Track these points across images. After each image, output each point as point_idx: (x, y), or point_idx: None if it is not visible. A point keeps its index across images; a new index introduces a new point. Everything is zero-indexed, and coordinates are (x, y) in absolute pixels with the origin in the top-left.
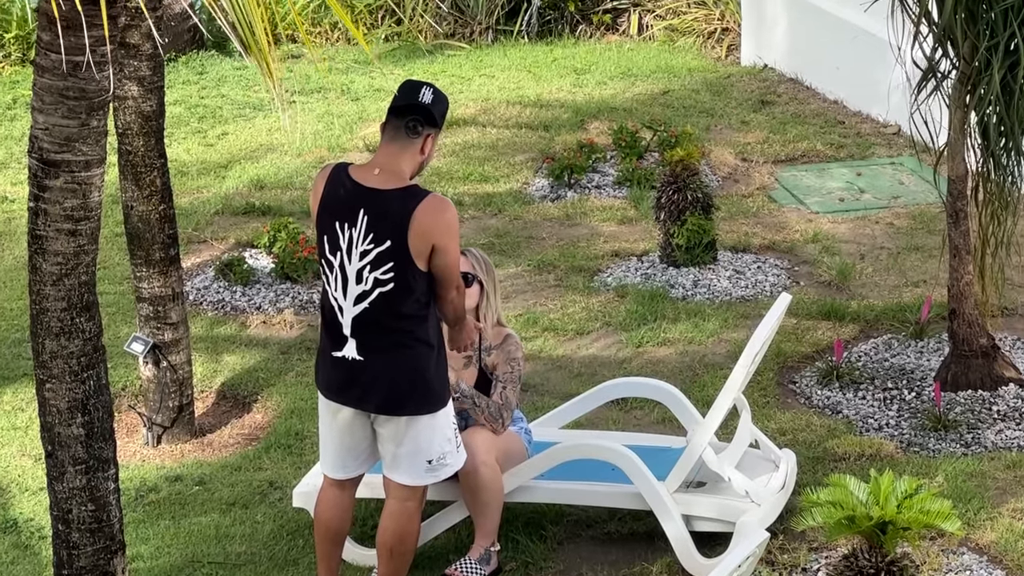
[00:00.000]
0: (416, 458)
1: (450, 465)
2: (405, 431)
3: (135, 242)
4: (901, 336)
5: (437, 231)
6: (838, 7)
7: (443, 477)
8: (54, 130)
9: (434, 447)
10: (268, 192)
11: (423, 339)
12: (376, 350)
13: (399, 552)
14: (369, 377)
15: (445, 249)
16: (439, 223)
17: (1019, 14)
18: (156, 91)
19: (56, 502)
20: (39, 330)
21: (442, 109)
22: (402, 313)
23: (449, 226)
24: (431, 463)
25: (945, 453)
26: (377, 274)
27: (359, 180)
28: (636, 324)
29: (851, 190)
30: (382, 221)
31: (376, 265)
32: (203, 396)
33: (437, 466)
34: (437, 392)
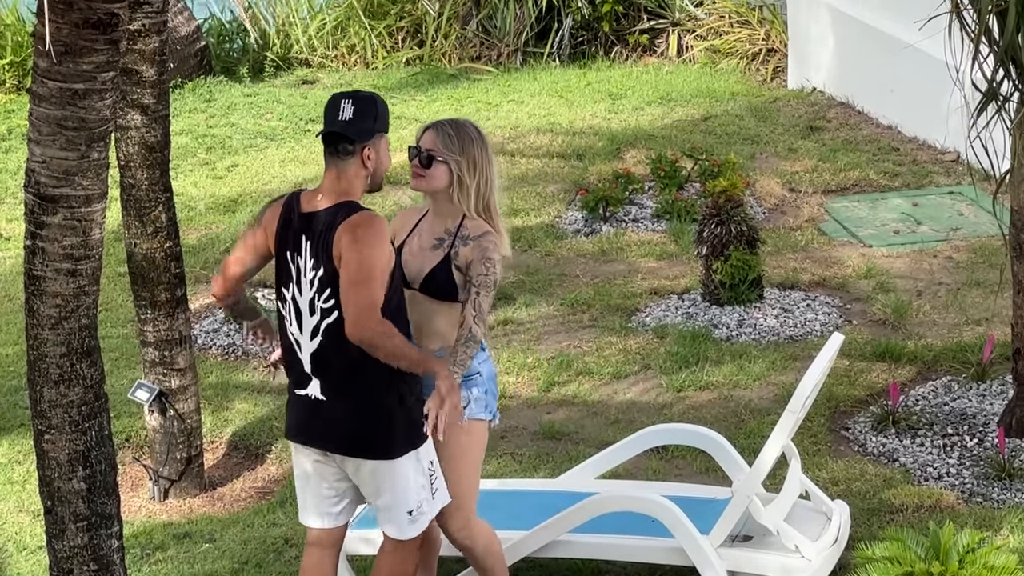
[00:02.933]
0: (397, 510)
1: (427, 514)
2: (378, 478)
3: (139, 282)
4: (962, 378)
5: (360, 246)
6: (891, 25)
7: (422, 528)
8: (52, 163)
9: (411, 497)
10: None
11: (378, 377)
12: (337, 388)
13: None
14: (331, 416)
15: (360, 264)
16: (361, 238)
17: None
18: (161, 120)
19: (56, 562)
20: (37, 377)
21: (370, 116)
22: (350, 349)
23: (371, 240)
24: (411, 514)
25: (1010, 504)
26: (320, 303)
27: (304, 207)
28: (677, 367)
29: (907, 222)
30: (317, 244)
31: (319, 293)
32: (213, 447)
33: (417, 516)
34: (403, 436)
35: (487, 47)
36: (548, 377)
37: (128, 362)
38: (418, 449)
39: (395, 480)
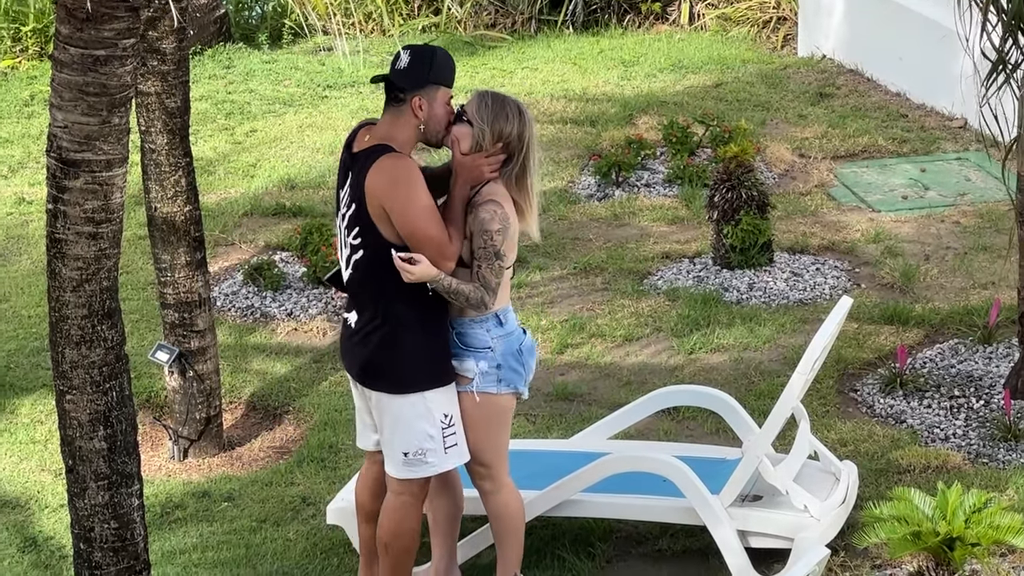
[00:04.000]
0: (393, 447)
1: (431, 464)
2: (381, 411)
3: (159, 245)
4: (968, 341)
5: (382, 191)
6: None
7: (422, 475)
8: (74, 128)
9: (410, 439)
10: (299, 192)
11: (398, 316)
12: (362, 318)
13: (394, 549)
14: (356, 343)
15: (396, 211)
16: (382, 182)
17: None
18: (181, 86)
19: (77, 520)
20: (59, 339)
21: (424, 67)
22: (376, 284)
23: (395, 183)
24: (407, 456)
25: (1016, 464)
26: (350, 238)
27: (356, 144)
28: (688, 330)
29: (915, 187)
30: (353, 184)
31: (350, 229)
32: (232, 407)
33: (414, 461)
34: (411, 374)
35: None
36: (561, 339)
37: (148, 324)
38: (425, 393)
39: (396, 417)
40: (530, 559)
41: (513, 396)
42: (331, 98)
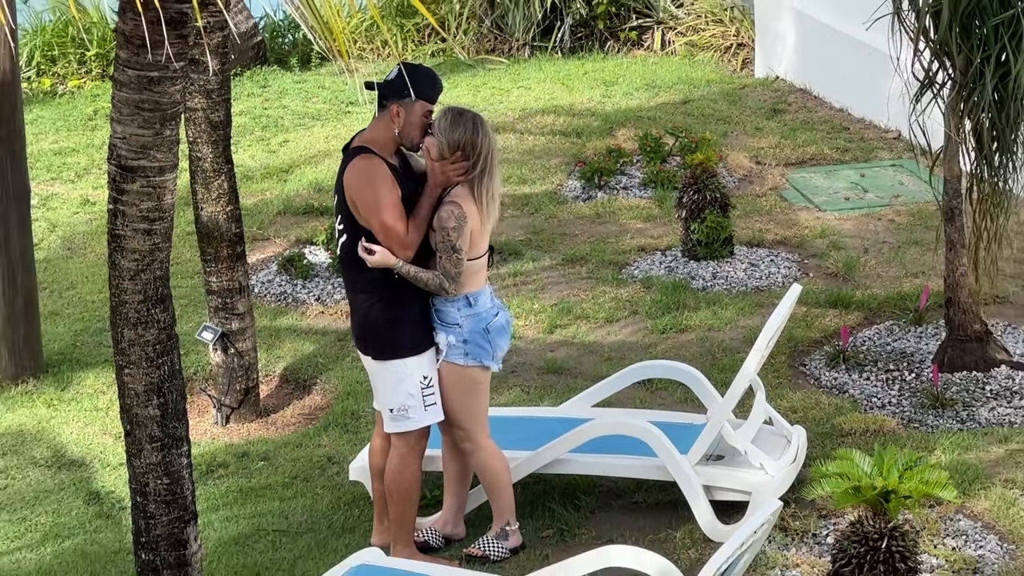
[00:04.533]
0: (381, 402)
1: (413, 419)
2: (371, 373)
3: (205, 240)
4: (902, 322)
5: (351, 186)
6: (843, 23)
7: (405, 429)
8: (131, 139)
9: (394, 398)
10: (326, 194)
11: (375, 292)
12: (350, 293)
13: (395, 495)
14: (352, 315)
15: (360, 204)
16: (352, 178)
17: (1009, 29)
18: (223, 103)
19: (134, 476)
20: (118, 320)
21: (405, 81)
22: (357, 265)
23: (361, 181)
24: (392, 412)
25: (942, 429)
26: (337, 224)
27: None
28: (660, 313)
29: (856, 190)
30: (337, 178)
31: (335, 216)
32: (267, 380)
33: (399, 416)
34: (389, 341)
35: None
36: (551, 321)
37: (195, 308)
38: (408, 359)
39: (383, 379)
40: (524, 511)
41: (481, 369)
42: (353, 113)
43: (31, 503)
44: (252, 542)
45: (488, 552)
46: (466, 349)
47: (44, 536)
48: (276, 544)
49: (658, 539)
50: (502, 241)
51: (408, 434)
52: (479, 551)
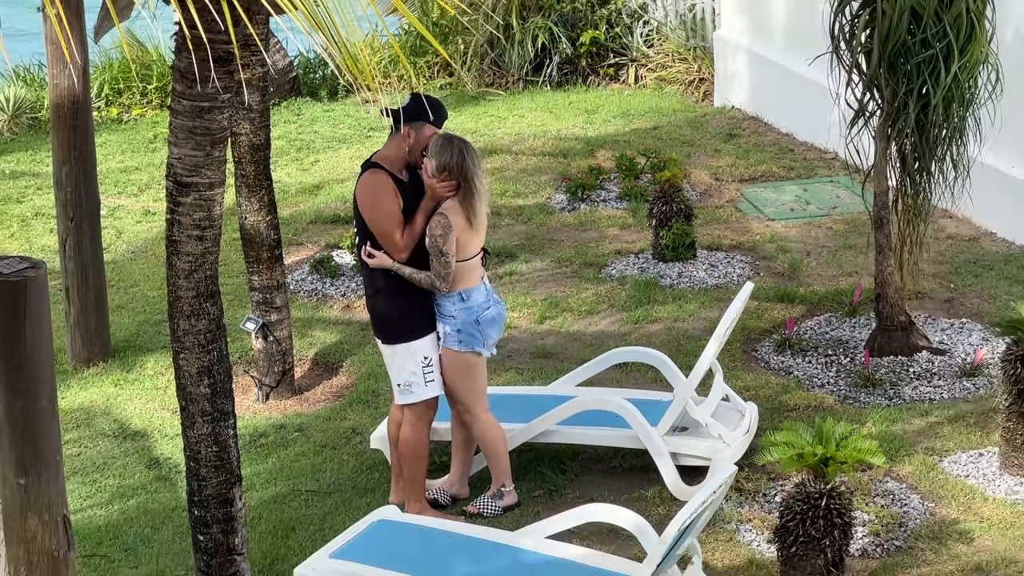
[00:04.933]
0: (392, 379)
1: (416, 394)
2: (383, 354)
3: (248, 245)
4: (838, 315)
5: (360, 197)
6: (789, 61)
7: (411, 401)
8: (185, 159)
9: (401, 374)
10: (350, 206)
11: (380, 287)
12: (364, 286)
13: (407, 457)
14: (367, 305)
15: (365, 212)
16: (361, 190)
17: (929, 66)
18: (264, 128)
19: (188, 445)
20: (174, 313)
21: (417, 108)
22: (367, 264)
23: (366, 192)
24: (399, 386)
25: (872, 405)
26: (354, 228)
27: None
28: (634, 306)
29: (799, 202)
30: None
31: (352, 221)
32: (301, 363)
33: (405, 391)
34: (396, 328)
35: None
36: (541, 313)
37: (240, 302)
38: (411, 343)
39: (391, 360)
40: (518, 474)
41: (474, 354)
42: (373, 137)
43: (100, 468)
44: (288, 500)
45: (483, 510)
46: (459, 337)
47: (111, 496)
48: (308, 502)
49: (632, 498)
50: (499, 245)
51: (415, 405)
52: (476, 509)
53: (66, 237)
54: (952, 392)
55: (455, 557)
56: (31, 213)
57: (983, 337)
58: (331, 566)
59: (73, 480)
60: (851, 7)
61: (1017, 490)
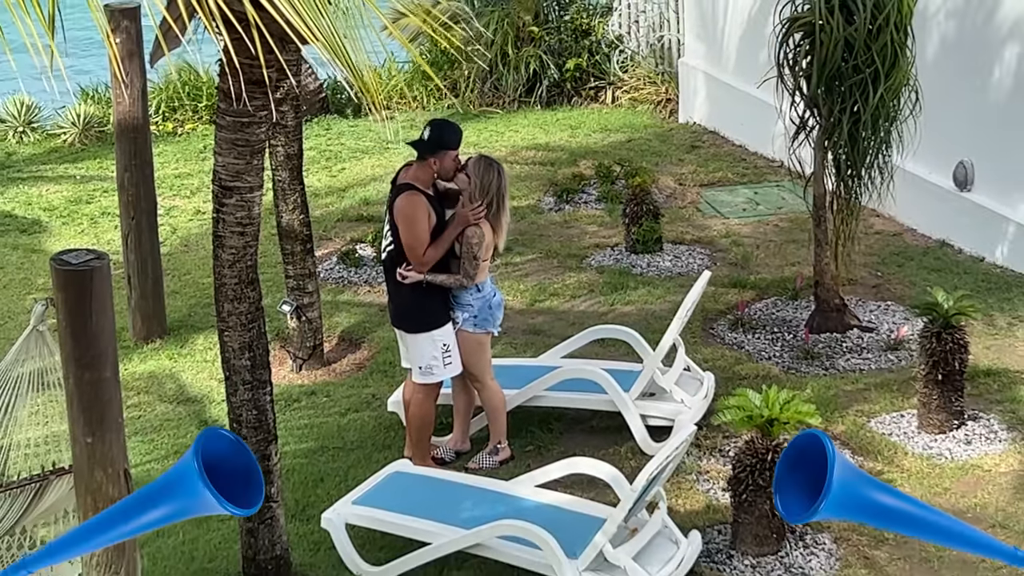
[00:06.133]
0: (413, 361)
1: (436, 375)
2: (405, 341)
3: (284, 239)
4: (783, 298)
5: (399, 213)
6: (741, 84)
7: (432, 381)
8: (228, 167)
9: (424, 358)
10: (372, 207)
11: (409, 286)
12: (388, 285)
13: (412, 426)
14: (390, 299)
15: (401, 229)
16: (400, 208)
17: (860, 87)
18: (297, 140)
19: (232, 409)
20: (220, 297)
21: (437, 140)
22: (397, 265)
23: (401, 213)
24: (421, 368)
25: (812, 375)
26: (386, 234)
27: (399, 177)
28: (610, 291)
29: (751, 203)
30: (389, 205)
31: (388, 232)
32: (329, 339)
33: (426, 372)
34: (419, 321)
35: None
36: (532, 297)
37: (277, 288)
38: (432, 332)
39: (412, 347)
40: (511, 433)
41: (486, 334)
42: (391, 149)
43: (158, 428)
44: (317, 456)
45: (482, 465)
46: (475, 321)
47: (167, 453)
48: (335, 457)
49: (608, 453)
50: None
51: (427, 384)
52: (476, 465)
53: (128, 233)
54: (878, 363)
55: (459, 503)
56: (99, 212)
57: (904, 317)
58: (353, 511)
59: (133, 439)
60: (793, 38)
61: (932, 446)
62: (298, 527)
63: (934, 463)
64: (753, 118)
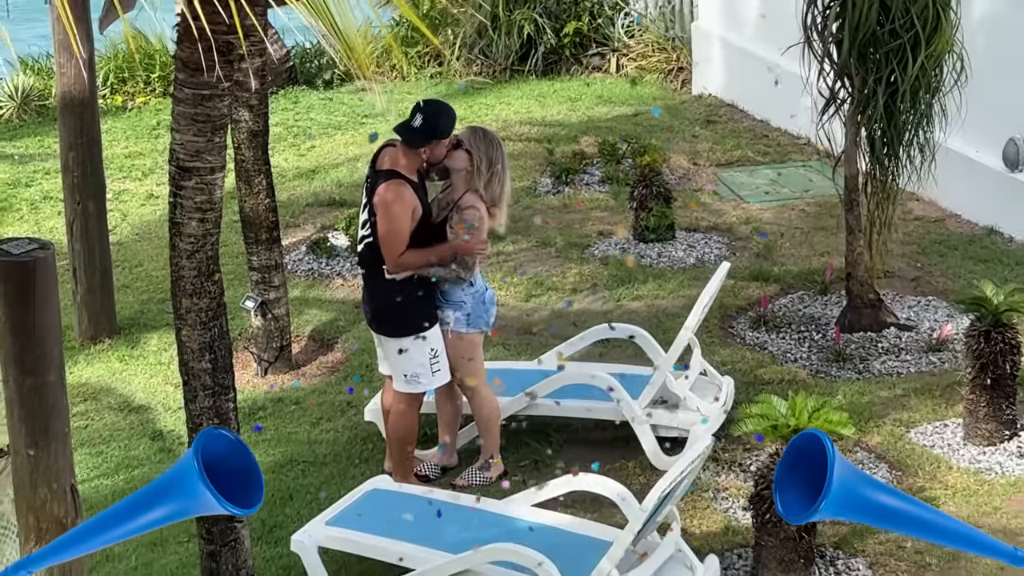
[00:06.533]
0: (396, 369)
1: (423, 384)
2: (386, 346)
3: (247, 227)
4: (811, 293)
5: (381, 203)
6: (763, 50)
7: (417, 391)
8: (187, 145)
9: (409, 365)
10: (345, 189)
11: (395, 284)
12: (367, 283)
13: (393, 440)
14: (366, 298)
15: (380, 216)
16: (380, 198)
17: (898, 55)
18: (262, 116)
19: (190, 417)
20: (177, 291)
21: (430, 129)
22: (376, 259)
23: (382, 204)
24: (406, 377)
25: (843, 379)
26: (363, 230)
27: (378, 163)
28: (616, 285)
29: (774, 186)
30: (369, 191)
31: (365, 222)
32: (298, 339)
33: (411, 381)
34: (404, 323)
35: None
36: (527, 291)
37: (240, 281)
38: (419, 336)
39: (398, 353)
40: (504, 445)
41: (479, 333)
42: (367, 124)
43: (106, 440)
44: (286, 471)
45: (472, 482)
46: (468, 320)
47: (116, 467)
48: (305, 472)
49: (614, 468)
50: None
51: (409, 393)
52: (465, 481)
53: (73, 219)
54: (918, 366)
55: (446, 524)
56: (39, 196)
57: (948, 314)
58: (327, 532)
59: (80, 451)
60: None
61: (980, 459)
62: (265, 550)
63: (982, 479)
64: (776, 89)
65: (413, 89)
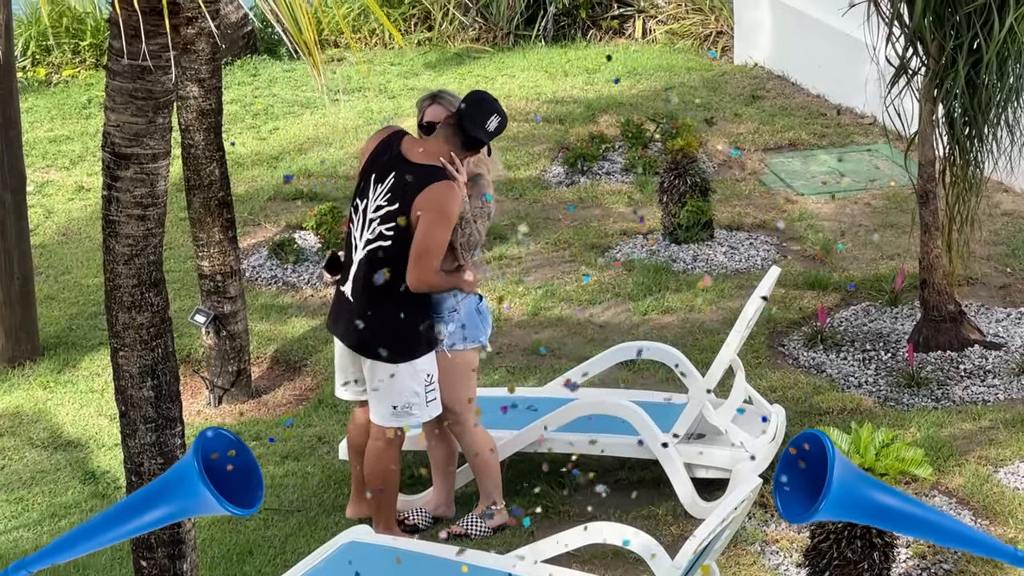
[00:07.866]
0: (383, 401)
1: (416, 416)
2: (375, 373)
3: (197, 225)
4: (878, 304)
5: (427, 207)
6: (819, 11)
7: (407, 424)
8: (124, 127)
9: (401, 396)
10: (314, 180)
11: (400, 298)
12: (360, 297)
13: (373, 483)
14: (352, 317)
15: (423, 227)
16: (432, 199)
17: (981, 16)
18: (215, 91)
19: (129, 456)
20: (113, 304)
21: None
22: (391, 267)
23: (437, 207)
24: (396, 408)
25: (918, 407)
26: (383, 228)
27: (404, 152)
28: (642, 295)
29: (833, 174)
30: (403, 186)
31: (385, 221)
32: (259, 361)
33: (401, 413)
34: (405, 347)
35: (484, 30)
36: (536, 303)
37: (188, 291)
38: (414, 361)
39: (389, 381)
40: (509, 489)
41: (477, 350)
42: (341, 101)
43: (28, 483)
44: (244, 521)
45: (470, 530)
46: (464, 333)
47: (41, 515)
48: (268, 522)
49: (641, 516)
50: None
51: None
52: (462, 529)
53: None
54: (1009, 392)
55: None
56: None
57: None
58: None
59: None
60: None
61: None
62: None
63: None
64: (836, 58)
65: (396, 58)
